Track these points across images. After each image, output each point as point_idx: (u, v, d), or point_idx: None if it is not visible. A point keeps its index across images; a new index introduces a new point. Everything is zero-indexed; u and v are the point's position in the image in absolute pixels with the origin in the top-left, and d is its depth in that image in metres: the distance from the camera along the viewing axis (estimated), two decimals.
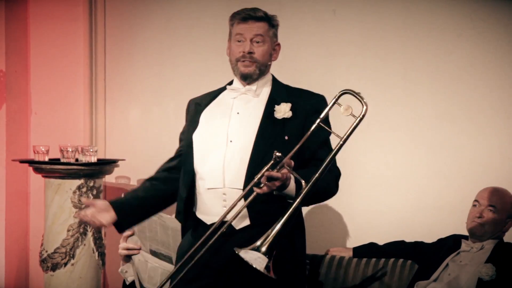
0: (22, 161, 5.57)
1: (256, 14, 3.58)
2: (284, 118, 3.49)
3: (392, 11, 5.06)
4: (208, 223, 3.48)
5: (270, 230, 3.12)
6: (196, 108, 3.67)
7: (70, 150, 5.35)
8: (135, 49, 5.78)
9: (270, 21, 3.61)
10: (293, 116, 3.50)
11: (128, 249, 4.17)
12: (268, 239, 3.10)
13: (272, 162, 3.21)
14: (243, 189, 3.39)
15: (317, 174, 3.25)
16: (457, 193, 4.87)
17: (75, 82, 5.91)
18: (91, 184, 5.40)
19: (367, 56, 5.12)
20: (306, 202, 3.31)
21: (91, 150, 5.36)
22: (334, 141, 3.44)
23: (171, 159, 3.74)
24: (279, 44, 3.66)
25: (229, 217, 3.39)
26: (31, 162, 5.47)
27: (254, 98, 3.58)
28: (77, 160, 5.38)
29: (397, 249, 4.81)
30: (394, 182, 5.07)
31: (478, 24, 4.88)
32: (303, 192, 3.21)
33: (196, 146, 3.56)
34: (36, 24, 5.94)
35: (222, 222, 3.38)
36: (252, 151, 3.44)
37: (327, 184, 3.43)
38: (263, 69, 3.59)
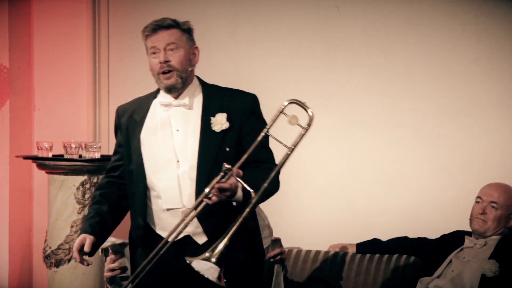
0: (25, 157, 5.57)
1: (164, 23, 3.56)
2: (222, 130, 3.50)
3: (396, 7, 5.06)
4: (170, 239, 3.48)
5: (220, 239, 3.17)
6: (130, 123, 3.64)
7: (74, 146, 5.35)
8: (138, 45, 5.74)
9: (181, 27, 3.57)
10: (230, 126, 3.51)
11: (112, 270, 4.15)
12: (218, 249, 3.15)
13: (221, 174, 3.25)
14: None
15: (265, 184, 3.27)
16: (460, 189, 4.87)
17: (78, 78, 5.91)
18: (95, 180, 5.40)
19: (370, 52, 5.11)
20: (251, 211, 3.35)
21: (94, 146, 5.36)
22: (280, 151, 3.41)
23: (113, 172, 3.72)
24: (197, 48, 3.62)
25: (185, 231, 3.43)
26: (34, 158, 5.47)
27: (187, 110, 3.57)
28: (80, 156, 5.38)
29: (401, 245, 4.81)
30: (397, 178, 5.07)
31: (481, 20, 4.88)
32: (252, 203, 3.26)
33: (146, 162, 3.56)
34: (39, 20, 5.94)
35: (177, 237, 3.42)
36: (197, 170, 3.47)
37: (271, 186, 3.41)
38: (185, 76, 3.55)
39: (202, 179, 3.44)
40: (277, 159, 3.40)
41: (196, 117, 3.55)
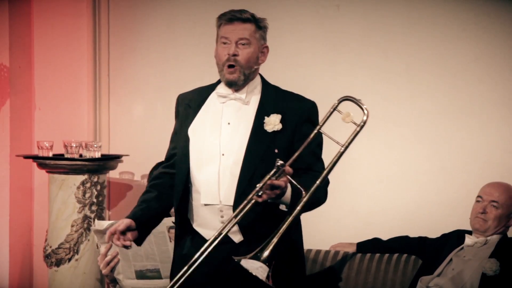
0: (26, 157, 5.57)
1: (242, 15, 3.52)
2: (274, 131, 3.46)
3: (396, 6, 5.06)
4: (207, 237, 3.44)
5: (269, 238, 3.14)
6: (186, 110, 3.61)
7: (74, 145, 5.36)
8: (139, 44, 5.78)
9: (257, 23, 3.54)
10: (283, 128, 3.46)
11: (108, 262, 4.16)
12: (268, 248, 3.12)
13: (274, 170, 3.21)
14: (233, 205, 3.40)
15: (318, 182, 3.26)
16: (461, 188, 4.87)
17: (79, 77, 5.91)
18: (95, 179, 5.41)
19: (370, 51, 5.11)
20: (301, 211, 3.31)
21: (95, 145, 5.36)
22: (333, 148, 3.40)
23: (167, 161, 3.68)
24: (267, 47, 3.57)
25: (226, 231, 3.36)
26: (35, 158, 5.47)
27: (243, 105, 3.52)
28: (81, 155, 5.39)
29: (401, 244, 4.80)
30: (397, 178, 5.07)
31: (482, 19, 4.88)
32: (303, 201, 3.22)
33: (191, 153, 3.53)
34: (40, 19, 5.94)
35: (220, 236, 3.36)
36: (242, 166, 3.42)
37: (320, 193, 3.42)
38: (248, 74, 3.50)
39: (245, 176, 3.40)
40: (329, 161, 3.36)
41: (250, 113, 3.50)
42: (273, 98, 3.54)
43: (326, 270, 4.87)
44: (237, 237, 3.46)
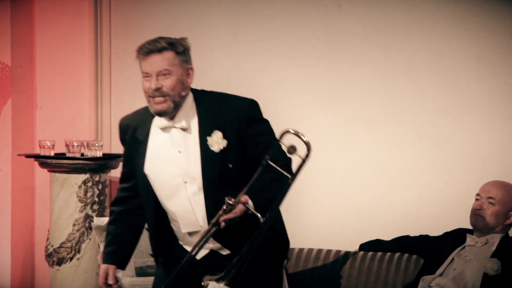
0: (27, 156, 5.57)
1: (157, 46, 3.45)
2: (221, 149, 3.43)
3: (397, 6, 5.05)
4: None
5: (235, 261, 3.19)
6: (134, 144, 3.59)
7: (76, 144, 5.36)
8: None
9: (175, 49, 3.47)
10: (229, 142, 3.43)
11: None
12: (232, 272, 3.17)
13: (223, 208, 3.23)
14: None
15: (272, 208, 3.27)
16: (462, 187, 4.87)
17: (80, 76, 5.91)
18: (97, 178, 5.41)
19: (372, 50, 5.11)
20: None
21: (96, 144, 5.36)
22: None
23: (126, 182, 3.68)
24: (191, 68, 3.52)
25: (207, 247, 3.45)
26: (36, 157, 5.48)
27: (185, 132, 3.48)
28: (82, 154, 5.39)
29: (403, 244, 4.81)
30: (399, 176, 5.06)
31: (483, 18, 4.87)
32: (263, 227, 3.24)
33: (155, 187, 3.53)
34: (41, 19, 5.94)
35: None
36: (204, 193, 3.43)
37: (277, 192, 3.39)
38: (177, 101, 3.44)
39: (211, 201, 3.41)
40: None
41: (194, 138, 3.46)
42: (210, 113, 3.48)
43: (328, 270, 4.87)
44: (224, 251, 3.49)
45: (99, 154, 5.37)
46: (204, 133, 3.45)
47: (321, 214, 5.24)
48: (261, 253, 3.34)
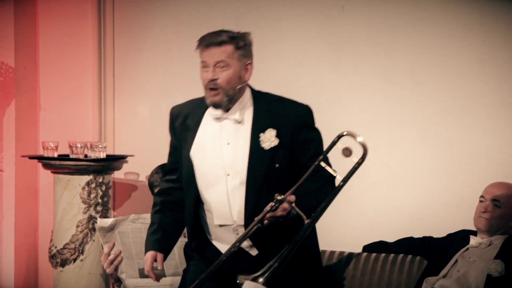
0: (31, 157, 5.58)
1: (217, 39, 3.50)
2: (271, 147, 3.49)
3: (401, 7, 5.05)
4: (223, 250, 3.52)
5: (273, 261, 3.21)
6: (184, 131, 3.65)
7: (79, 146, 5.36)
8: (143, 44, 5.78)
9: (236, 43, 3.53)
10: (280, 142, 3.49)
11: (111, 261, 4.18)
12: (268, 271, 3.19)
13: (272, 204, 3.27)
14: (244, 225, 3.48)
15: (318, 209, 3.35)
16: (465, 189, 4.86)
17: (84, 78, 5.91)
18: (100, 180, 5.41)
19: (375, 51, 5.11)
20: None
21: (100, 146, 5.37)
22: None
23: (171, 174, 3.74)
24: (251, 63, 3.58)
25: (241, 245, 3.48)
26: (40, 158, 5.48)
27: (238, 124, 3.54)
28: (86, 156, 5.39)
29: (406, 246, 4.80)
30: (402, 178, 5.06)
31: (487, 20, 4.87)
32: (307, 228, 3.30)
33: (197, 175, 3.58)
34: (45, 20, 5.95)
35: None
36: (246, 187, 3.48)
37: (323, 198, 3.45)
38: (232, 94, 3.52)
39: (251, 197, 3.46)
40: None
41: (246, 132, 3.52)
42: (266, 111, 3.55)
43: (331, 271, 4.87)
44: (253, 251, 3.53)
45: (102, 155, 5.38)
46: (257, 129, 3.51)
47: (325, 216, 5.22)
48: (297, 257, 3.38)
